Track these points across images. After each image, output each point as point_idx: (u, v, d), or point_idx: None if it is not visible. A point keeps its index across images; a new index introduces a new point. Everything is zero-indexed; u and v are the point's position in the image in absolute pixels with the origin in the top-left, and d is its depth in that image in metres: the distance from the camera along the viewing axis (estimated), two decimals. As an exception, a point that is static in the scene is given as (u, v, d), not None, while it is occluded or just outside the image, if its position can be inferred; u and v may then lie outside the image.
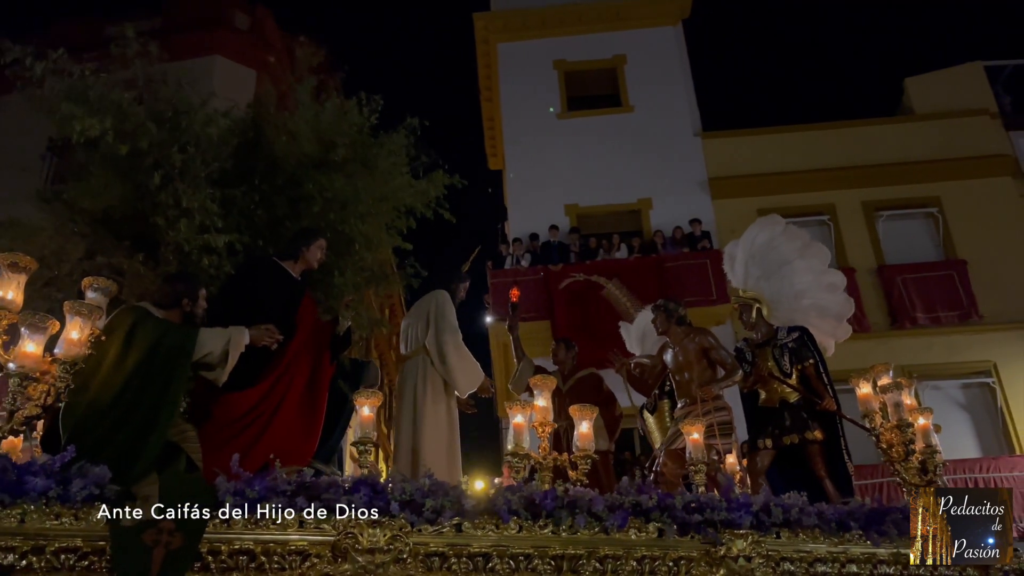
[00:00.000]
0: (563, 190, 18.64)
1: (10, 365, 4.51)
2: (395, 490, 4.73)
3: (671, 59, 20.27)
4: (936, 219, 18.03)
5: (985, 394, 16.42)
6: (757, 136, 19.19)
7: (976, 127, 18.52)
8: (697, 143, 19.11)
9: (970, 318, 16.63)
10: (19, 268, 4.70)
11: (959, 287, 16.94)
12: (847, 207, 18.09)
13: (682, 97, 19.78)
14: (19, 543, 4.17)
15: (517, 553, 4.82)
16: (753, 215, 17.69)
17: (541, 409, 5.60)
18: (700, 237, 17.65)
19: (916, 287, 16.98)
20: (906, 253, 17.74)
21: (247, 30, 20.21)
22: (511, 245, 17.91)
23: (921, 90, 19.63)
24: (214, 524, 4.43)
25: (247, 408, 5.49)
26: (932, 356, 16.23)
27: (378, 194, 7.24)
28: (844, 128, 19.08)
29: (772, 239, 8.30)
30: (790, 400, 7.58)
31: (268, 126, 6.93)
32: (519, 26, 20.74)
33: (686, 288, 16.63)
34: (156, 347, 5.14)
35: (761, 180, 18.25)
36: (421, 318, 6.91)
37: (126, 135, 6.39)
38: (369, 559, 4.50)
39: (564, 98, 20.12)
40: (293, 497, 4.58)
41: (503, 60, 20.77)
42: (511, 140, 19.93)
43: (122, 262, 6.18)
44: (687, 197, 18.33)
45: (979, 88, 19.20)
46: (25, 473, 4.25)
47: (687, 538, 5.12)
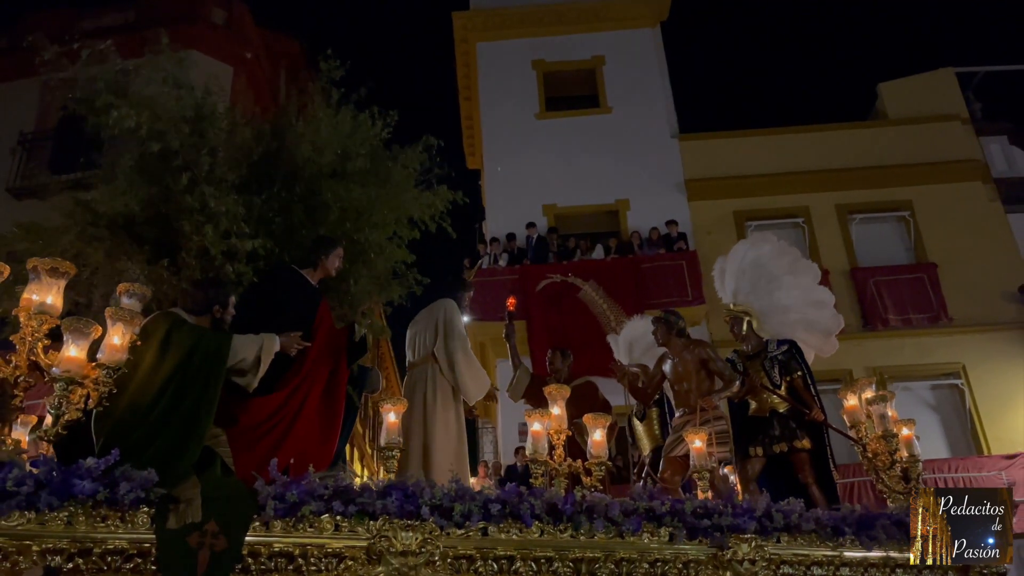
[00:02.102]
0: (541, 190, 18.79)
1: (54, 370, 4.55)
2: (425, 495, 4.87)
3: (649, 61, 20.52)
4: (908, 223, 18.39)
5: (954, 395, 16.76)
6: (733, 139, 19.51)
7: (947, 132, 18.90)
8: (674, 145, 19.36)
9: (940, 320, 17.01)
10: (59, 273, 4.78)
11: (929, 290, 17.30)
12: (821, 210, 18.40)
13: (660, 99, 20.03)
14: (66, 545, 4.26)
15: (539, 556, 5.03)
16: (729, 217, 18.00)
17: (556, 417, 5.75)
18: (676, 238, 17.85)
19: (888, 289, 17.31)
20: (878, 256, 18.07)
21: (223, 25, 20.07)
22: (488, 245, 17.97)
23: (894, 95, 19.95)
24: (253, 527, 4.57)
25: (268, 413, 5.58)
26: (903, 357, 16.58)
27: (392, 205, 7.32)
28: (818, 132, 19.38)
29: (761, 255, 8.46)
30: (779, 410, 7.81)
31: (290, 135, 6.97)
32: (498, 25, 20.90)
33: (662, 289, 16.89)
34: (192, 352, 5.22)
35: (737, 182, 18.54)
36: (429, 327, 7.08)
37: (158, 134, 6.41)
38: (402, 561, 4.68)
39: (542, 98, 20.31)
40: (330, 501, 4.73)
41: (482, 59, 20.94)
42: (489, 139, 20.00)
43: (144, 267, 6.21)
44: (664, 198, 18.60)
45: (951, 94, 19.59)
46: (72, 476, 4.31)
47: (695, 542, 5.34)
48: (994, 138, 19.01)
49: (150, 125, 6.37)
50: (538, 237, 18.05)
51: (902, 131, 18.99)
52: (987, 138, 18.98)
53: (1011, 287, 17.02)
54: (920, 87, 19.70)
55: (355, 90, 7.55)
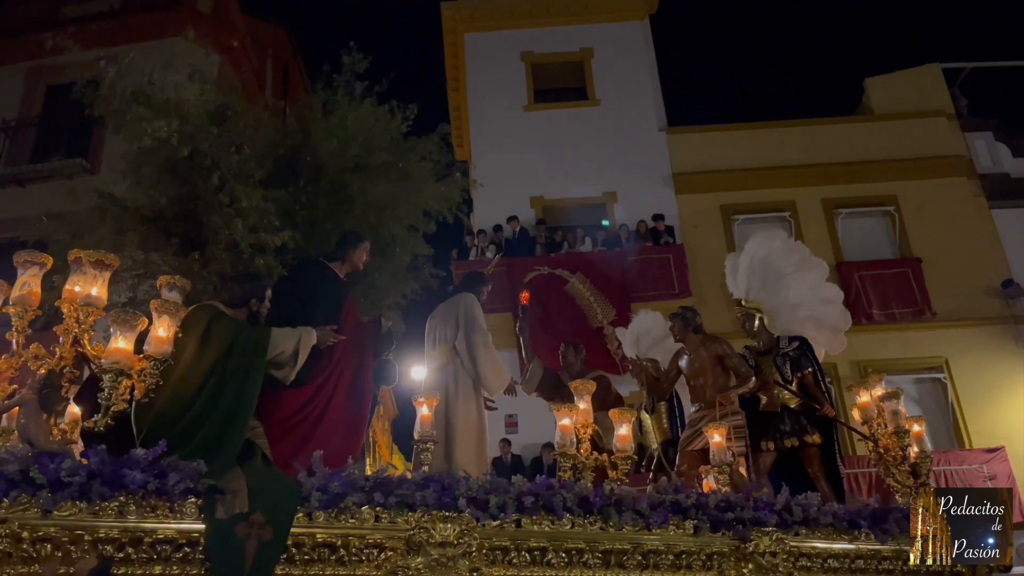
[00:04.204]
0: (529, 182, 18.75)
1: (103, 361, 4.55)
2: (461, 487, 4.96)
3: (638, 54, 20.52)
4: (893, 217, 18.48)
5: (937, 389, 16.94)
6: (721, 132, 19.53)
7: (933, 128, 19.00)
8: (662, 138, 19.37)
9: (924, 315, 17.11)
10: (104, 266, 4.80)
11: (914, 284, 17.39)
12: (807, 204, 18.46)
13: (648, 92, 20.03)
14: (118, 535, 4.32)
15: (571, 547, 5.13)
16: (716, 210, 18.09)
17: (582, 412, 5.81)
18: (663, 231, 17.89)
19: (872, 284, 17.40)
20: (863, 250, 18.19)
21: (210, 13, 19.89)
22: (475, 236, 17.96)
23: (881, 90, 20.01)
24: (297, 518, 4.62)
25: (299, 405, 5.67)
26: (887, 351, 16.62)
27: (413, 199, 7.38)
28: (806, 126, 19.49)
29: (770, 252, 8.57)
30: (790, 405, 7.98)
31: (315, 130, 7.00)
32: (487, 16, 20.86)
33: (649, 282, 16.92)
34: (233, 346, 5.31)
35: (724, 176, 18.59)
36: (449, 320, 7.12)
37: (188, 137, 6.43)
38: (441, 552, 4.77)
39: (531, 90, 20.30)
40: (371, 492, 4.81)
41: (470, 50, 20.92)
42: (477, 130, 19.96)
43: (175, 260, 6.23)
44: (651, 191, 18.63)
45: (937, 89, 19.67)
46: (123, 467, 4.36)
47: (719, 535, 5.47)
48: (979, 134, 19.10)
49: (181, 131, 6.40)
50: (521, 229, 18.07)
51: (888, 126, 19.10)
52: (972, 134, 19.08)
53: (994, 282, 17.17)
54: (906, 82, 19.77)
55: (351, 82, 7.58)
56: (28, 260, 4.74)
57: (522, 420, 14.83)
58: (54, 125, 17.69)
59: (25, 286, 4.68)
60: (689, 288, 16.93)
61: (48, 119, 17.81)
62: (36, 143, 17.61)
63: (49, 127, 17.72)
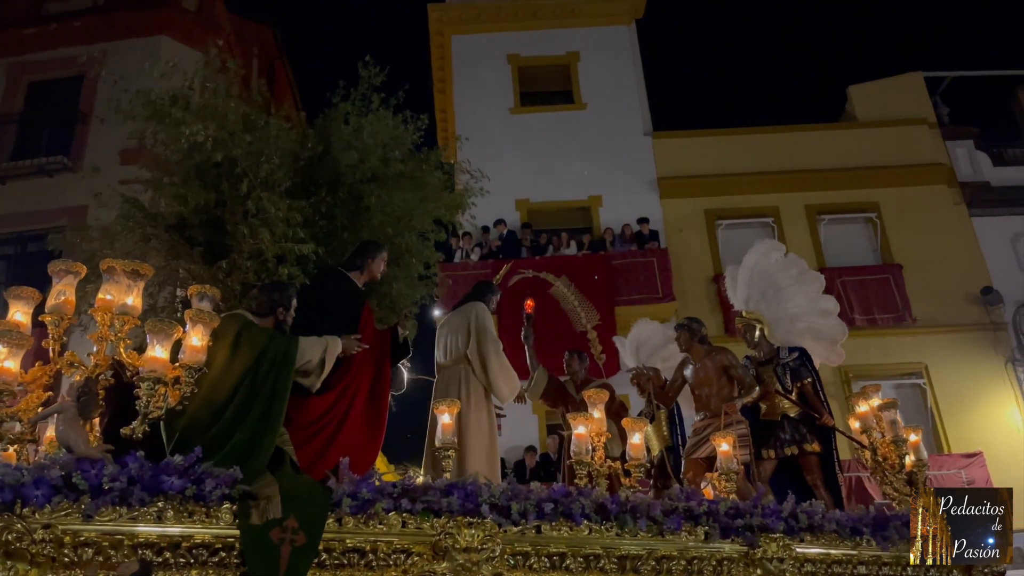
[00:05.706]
0: (514, 185, 18.67)
1: (141, 370, 4.60)
2: (484, 493, 5.09)
3: (624, 58, 20.67)
4: (875, 224, 18.70)
5: (916, 394, 17.08)
6: (706, 137, 19.68)
7: (915, 136, 19.26)
8: (647, 142, 19.51)
9: (904, 321, 17.34)
10: (139, 276, 4.89)
11: (895, 290, 17.61)
12: (790, 210, 18.66)
13: (634, 96, 20.18)
14: (157, 539, 4.42)
15: (588, 553, 5.27)
16: (700, 215, 18.21)
17: (597, 421, 5.90)
18: (648, 236, 18.01)
19: (854, 289, 17.59)
20: (846, 256, 18.37)
21: (195, 11, 19.80)
22: (461, 239, 17.98)
23: (863, 98, 20.24)
24: (327, 524, 4.73)
25: (320, 412, 5.76)
26: (867, 357, 16.69)
27: (428, 208, 7.45)
28: (789, 133, 19.65)
29: (769, 265, 8.72)
30: (790, 414, 8.15)
31: (336, 140, 7.04)
32: (473, 19, 20.96)
33: (633, 286, 17.00)
34: (263, 354, 5.39)
35: (708, 181, 18.77)
36: (461, 329, 7.19)
37: (222, 143, 6.45)
38: (466, 557, 4.89)
39: (517, 93, 20.40)
40: (398, 499, 4.94)
41: (457, 53, 21.00)
42: (463, 133, 19.88)
43: (198, 269, 6.25)
44: (636, 195, 18.73)
45: (919, 98, 19.92)
46: (161, 472, 4.46)
47: (728, 541, 5.62)
48: (960, 142, 19.34)
49: (216, 136, 6.44)
50: (508, 232, 18.12)
51: (871, 133, 19.32)
52: (953, 142, 19.32)
53: (974, 289, 17.40)
54: (889, 91, 20.00)
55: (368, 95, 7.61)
56: (63, 269, 4.80)
57: (504, 423, 14.84)
58: (36, 122, 17.57)
59: (60, 295, 4.74)
60: (673, 292, 17.05)
61: (30, 116, 17.68)
62: (17, 140, 17.48)
63: (31, 124, 17.60)
